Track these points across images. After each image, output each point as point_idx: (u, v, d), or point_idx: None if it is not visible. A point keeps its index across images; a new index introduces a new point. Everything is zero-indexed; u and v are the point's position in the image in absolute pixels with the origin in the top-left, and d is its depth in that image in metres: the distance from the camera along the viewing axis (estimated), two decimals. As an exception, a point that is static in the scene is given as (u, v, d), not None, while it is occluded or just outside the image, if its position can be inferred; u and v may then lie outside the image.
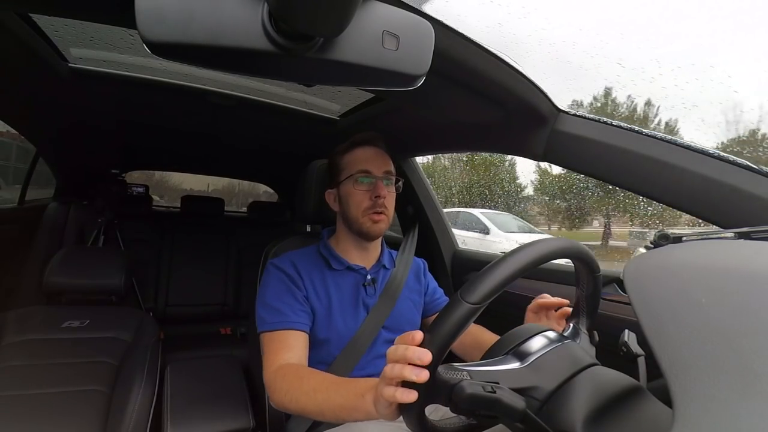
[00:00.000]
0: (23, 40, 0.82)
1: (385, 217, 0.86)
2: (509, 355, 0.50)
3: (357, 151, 0.88)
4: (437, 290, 1.04)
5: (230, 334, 2.00)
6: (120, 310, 1.28)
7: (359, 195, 0.85)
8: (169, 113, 1.41)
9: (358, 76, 0.39)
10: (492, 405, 0.41)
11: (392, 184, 0.89)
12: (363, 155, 0.87)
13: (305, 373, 0.70)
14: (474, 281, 0.44)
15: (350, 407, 0.56)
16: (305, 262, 0.88)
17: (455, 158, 11.68)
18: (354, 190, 0.85)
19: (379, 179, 0.85)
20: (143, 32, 0.30)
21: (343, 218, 0.90)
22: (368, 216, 0.85)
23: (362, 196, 0.85)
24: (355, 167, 0.86)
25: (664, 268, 0.40)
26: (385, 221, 0.86)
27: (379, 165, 0.86)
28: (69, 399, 0.92)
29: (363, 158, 0.87)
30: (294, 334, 0.78)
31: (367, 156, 0.87)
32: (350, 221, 0.87)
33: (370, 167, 0.85)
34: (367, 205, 0.84)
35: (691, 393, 0.30)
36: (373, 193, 0.84)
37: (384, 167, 0.87)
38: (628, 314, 0.82)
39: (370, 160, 0.86)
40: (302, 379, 0.67)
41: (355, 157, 0.87)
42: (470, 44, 0.61)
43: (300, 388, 0.65)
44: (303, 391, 0.64)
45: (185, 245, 2.10)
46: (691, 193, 0.64)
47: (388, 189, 0.87)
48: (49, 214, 1.79)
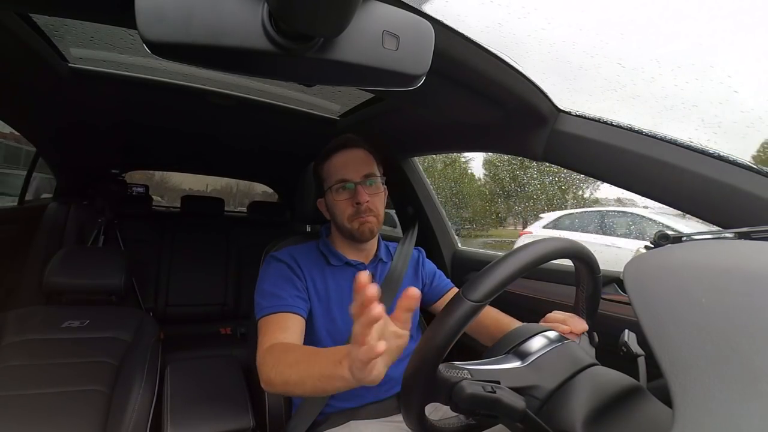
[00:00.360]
0: (23, 40, 0.82)
1: (373, 218, 0.86)
2: (510, 354, 0.50)
3: (333, 158, 0.87)
4: (437, 274, 1.03)
5: (230, 334, 2.01)
6: (120, 310, 1.28)
7: (342, 204, 0.85)
8: (169, 113, 1.41)
9: (358, 76, 0.39)
10: (492, 405, 0.41)
11: (376, 184, 0.88)
12: (339, 162, 0.87)
13: (291, 347, 0.69)
14: (476, 279, 0.44)
15: (328, 375, 0.54)
16: (305, 258, 0.88)
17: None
18: (336, 201, 0.86)
19: (359, 184, 0.84)
20: (143, 32, 0.30)
21: (335, 225, 0.91)
22: (356, 220, 0.85)
23: (345, 205, 0.85)
24: (333, 177, 0.86)
25: (664, 268, 0.40)
26: (374, 221, 0.86)
27: (357, 169, 0.85)
28: (69, 399, 0.92)
29: (339, 165, 0.86)
30: (290, 317, 0.78)
31: (343, 162, 0.86)
32: (340, 228, 0.88)
33: (348, 174, 0.85)
34: (350, 212, 0.85)
35: (691, 393, 0.30)
36: (354, 200, 0.84)
37: (363, 170, 0.86)
38: (628, 314, 0.82)
39: (346, 166, 0.86)
40: (287, 353, 0.66)
41: (332, 165, 0.87)
42: (470, 44, 0.61)
43: (285, 361, 0.64)
44: (287, 363, 0.63)
45: (185, 245, 2.10)
46: (691, 193, 0.64)
47: (372, 190, 0.86)
48: (49, 214, 1.79)
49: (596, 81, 0.80)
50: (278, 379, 0.64)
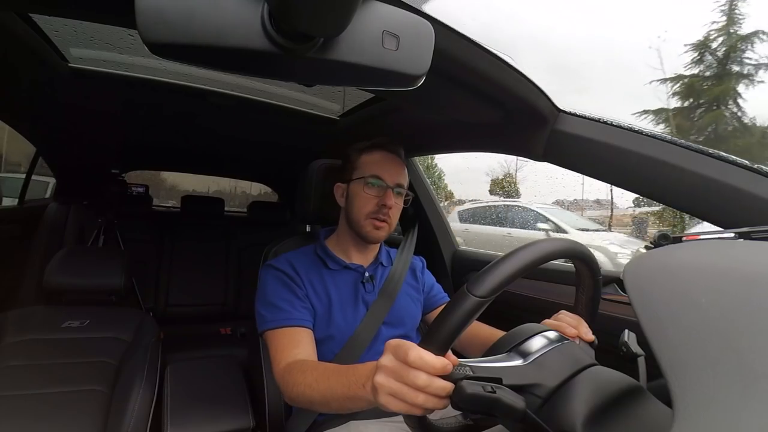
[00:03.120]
0: (23, 40, 0.82)
1: (387, 226, 0.86)
2: (512, 352, 0.50)
3: (376, 153, 0.88)
4: (435, 286, 1.04)
5: (230, 334, 2.00)
6: (120, 310, 1.28)
7: (366, 198, 0.85)
8: (169, 113, 1.41)
9: (358, 76, 0.39)
10: (492, 405, 0.41)
11: (401, 197, 0.89)
12: (381, 159, 0.87)
13: (308, 365, 0.69)
14: (481, 275, 0.44)
15: (352, 396, 0.56)
16: (302, 263, 0.88)
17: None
18: (362, 193, 0.85)
19: (390, 188, 0.85)
20: (143, 32, 0.30)
21: (346, 216, 0.90)
22: (370, 220, 0.85)
23: (369, 200, 0.85)
24: (370, 170, 0.85)
25: (664, 268, 0.40)
26: (387, 229, 0.87)
27: (393, 174, 0.86)
28: (69, 399, 0.92)
29: (380, 163, 0.86)
30: (298, 331, 0.78)
31: (384, 161, 0.87)
32: (352, 221, 0.88)
33: (384, 174, 0.85)
34: (371, 209, 0.85)
35: (691, 393, 0.30)
36: (381, 201, 0.84)
37: (397, 178, 0.87)
38: (628, 314, 0.82)
39: (386, 166, 0.86)
40: (305, 372, 0.67)
41: (373, 158, 0.87)
42: (470, 44, 0.61)
43: (304, 381, 0.65)
44: (307, 384, 0.64)
45: (185, 245, 2.10)
46: (691, 193, 0.64)
47: (397, 200, 0.87)
48: (49, 214, 1.79)
49: (592, 82, 0.79)
50: (302, 399, 0.66)
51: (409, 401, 0.43)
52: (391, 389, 0.45)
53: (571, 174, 0.82)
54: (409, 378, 0.42)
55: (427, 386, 0.42)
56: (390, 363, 0.45)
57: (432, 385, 0.42)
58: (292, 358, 0.73)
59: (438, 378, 0.42)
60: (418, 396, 0.43)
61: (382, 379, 0.46)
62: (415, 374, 0.42)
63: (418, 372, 0.42)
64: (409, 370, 0.43)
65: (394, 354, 0.45)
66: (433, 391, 0.42)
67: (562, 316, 0.63)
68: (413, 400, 0.43)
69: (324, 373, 0.64)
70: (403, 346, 0.44)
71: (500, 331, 0.80)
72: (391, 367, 0.45)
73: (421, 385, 0.42)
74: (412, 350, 0.43)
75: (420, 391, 0.42)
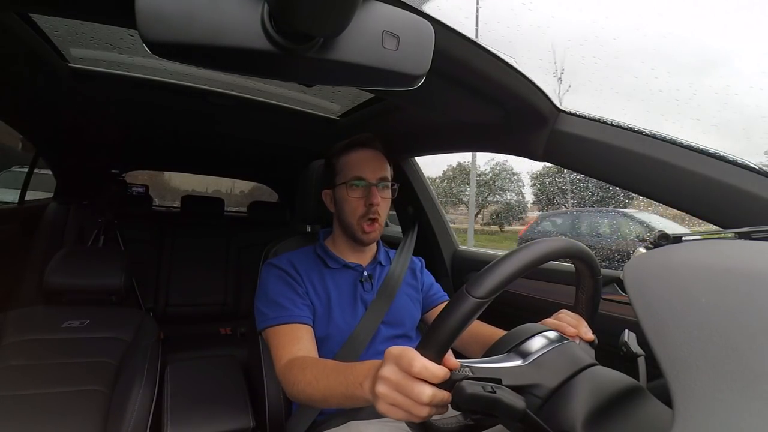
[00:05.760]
0: (23, 40, 0.82)
1: (377, 225, 0.87)
2: (511, 353, 0.50)
3: (353, 153, 0.88)
4: (434, 285, 1.04)
5: (230, 334, 2.01)
6: (120, 310, 1.28)
7: (353, 202, 0.85)
8: (169, 113, 1.40)
9: (358, 76, 0.39)
10: (492, 405, 0.41)
11: (388, 189, 0.89)
12: (359, 159, 0.87)
13: (308, 362, 0.70)
14: (480, 276, 0.44)
15: (350, 396, 0.56)
16: (303, 262, 0.88)
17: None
18: (348, 197, 0.86)
19: (374, 185, 0.85)
20: (143, 32, 0.30)
21: (338, 220, 0.91)
22: (361, 225, 0.86)
23: (356, 203, 0.85)
24: (350, 173, 0.86)
25: (664, 268, 0.40)
26: (378, 229, 0.88)
27: (374, 170, 0.86)
28: (69, 399, 0.92)
29: (358, 162, 0.86)
30: (299, 327, 0.78)
31: (363, 160, 0.87)
32: (344, 225, 0.89)
33: (365, 173, 0.85)
34: (361, 212, 0.85)
35: (691, 393, 0.30)
36: (368, 200, 0.85)
37: (379, 173, 0.87)
38: (628, 314, 0.82)
39: (365, 164, 0.86)
40: (305, 370, 0.67)
41: (351, 160, 0.87)
42: (470, 44, 0.61)
43: (304, 379, 0.65)
44: (307, 382, 0.65)
45: (185, 245, 2.10)
46: (691, 193, 0.64)
47: (383, 194, 0.87)
48: (49, 214, 1.79)
49: (591, 83, 0.79)
50: (302, 396, 0.66)
51: (414, 414, 0.44)
52: (394, 401, 0.44)
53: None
54: (414, 393, 0.42)
55: (432, 400, 0.42)
56: (392, 375, 0.45)
57: (436, 398, 0.42)
58: (293, 354, 0.73)
59: (441, 390, 0.43)
60: (423, 410, 0.43)
61: (384, 389, 0.45)
62: (420, 389, 0.42)
63: (423, 386, 0.42)
64: (413, 384, 0.43)
65: (396, 364, 0.45)
66: (436, 403, 0.43)
67: (563, 315, 0.62)
68: (418, 413, 0.43)
69: (323, 371, 0.64)
70: (406, 356, 0.44)
71: (500, 331, 0.80)
72: (395, 379, 0.44)
73: (427, 401, 0.42)
74: (416, 360, 0.43)
75: (424, 405, 0.43)
